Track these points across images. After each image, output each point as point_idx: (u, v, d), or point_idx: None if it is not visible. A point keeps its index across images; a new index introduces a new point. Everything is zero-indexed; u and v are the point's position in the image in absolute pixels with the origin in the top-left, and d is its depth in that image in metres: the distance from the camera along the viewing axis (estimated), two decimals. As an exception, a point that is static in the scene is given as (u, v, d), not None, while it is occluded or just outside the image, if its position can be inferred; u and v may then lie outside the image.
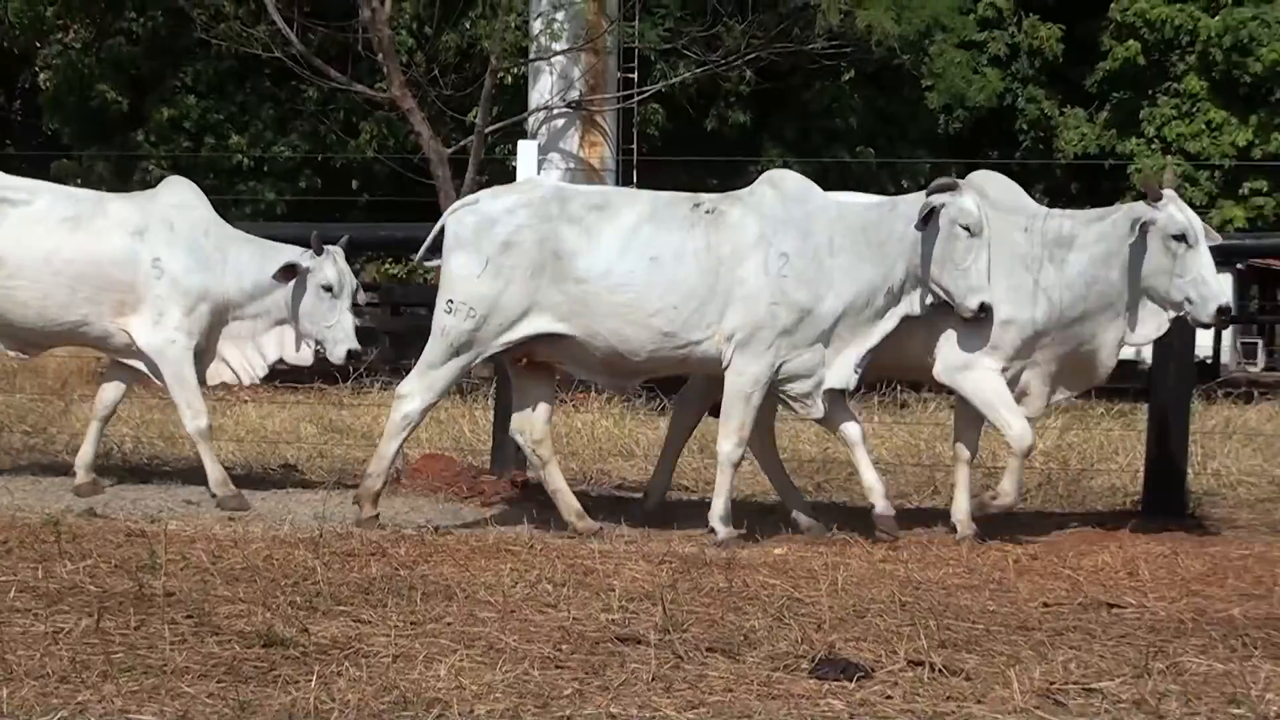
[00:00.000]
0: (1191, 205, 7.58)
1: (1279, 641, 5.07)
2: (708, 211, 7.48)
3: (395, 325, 16.60)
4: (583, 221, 7.47)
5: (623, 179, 18.99)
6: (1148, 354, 9.07)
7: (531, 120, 18.05)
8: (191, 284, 8.31)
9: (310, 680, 4.34)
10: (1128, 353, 8.33)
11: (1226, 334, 36.70)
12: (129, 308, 8.30)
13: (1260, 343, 40.78)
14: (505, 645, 4.89)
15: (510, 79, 18.98)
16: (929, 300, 7.28)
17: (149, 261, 8.27)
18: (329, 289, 8.36)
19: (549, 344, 7.58)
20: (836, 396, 7.48)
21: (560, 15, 17.96)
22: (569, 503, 7.71)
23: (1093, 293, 7.30)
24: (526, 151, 9.62)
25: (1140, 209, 7.18)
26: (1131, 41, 23.39)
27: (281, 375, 10.88)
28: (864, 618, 5.41)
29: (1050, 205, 8.37)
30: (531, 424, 7.76)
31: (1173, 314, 7.27)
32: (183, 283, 8.30)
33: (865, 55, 19.05)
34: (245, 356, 8.59)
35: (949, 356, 7.42)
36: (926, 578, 6.32)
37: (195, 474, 8.74)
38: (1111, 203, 25.13)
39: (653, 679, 4.52)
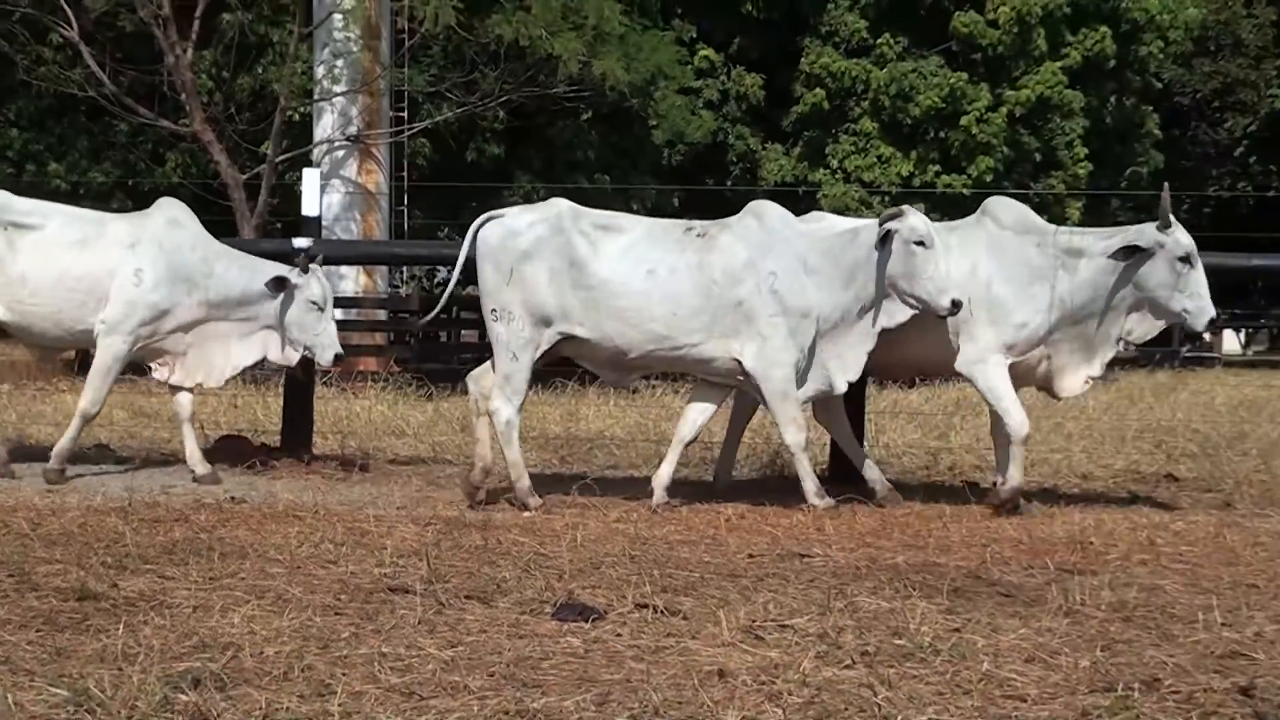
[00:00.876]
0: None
1: (933, 584, 5.22)
2: (699, 235, 7.34)
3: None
4: (590, 236, 7.34)
5: (394, 202, 18.91)
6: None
7: (316, 151, 17.90)
8: (159, 296, 8.01)
9: (119, 629, 4.24)
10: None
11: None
12: (104, 311, 8.04)
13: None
14: (291, 596, 4.83)
15: (297, 116, 18.75)
16: (906, 312, 7.15)
17: (131, 272, 7.98)
18: (315, 303, 8.13)
19: (572, 343, 7.43)
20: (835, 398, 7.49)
21: (340, 62, 17.86)
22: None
23: (1098, 296, 7.25)
24: (310, 179, 9.44)
25: (1150, 233, 7.14)
26: (818, 89, 23.89)
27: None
28: (599, 569, 5.45)
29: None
30: (485, 379, 7.65)
31: (1166, 321, 7.29)
32: (150, 295, 7.99)
33: (600, 98, 19.19)
34: (229, 355, 8.27)
35: (968, 352, 7.36)
36: (652, 535, 6.36)
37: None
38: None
39: (418, 623, 4.51)
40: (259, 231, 16.80)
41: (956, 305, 6.95)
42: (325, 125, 18.19)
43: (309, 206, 9.33)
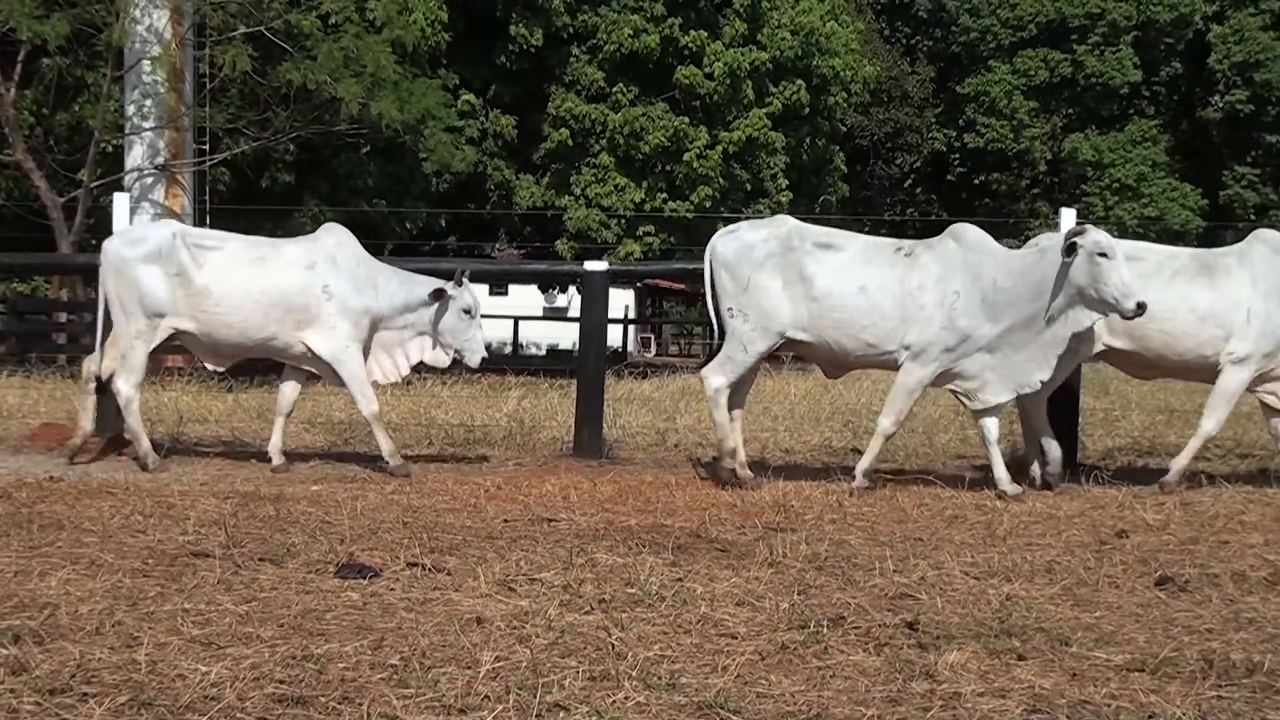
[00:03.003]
0: (604, 244, 7.84)
1: (660, 542, 5.26)
2: (905, 254, 7.06)
3: (20, 328, 15.47)
4: (814, 254, 7.08)
5: (197, 222, 18.29)
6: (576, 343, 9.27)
7: (127, 179, 17.22)
8: (355, 304, 7.66)
9: (-59, 595, 4.00)
10: (568, 344, 8.47)
11: (632, 330, 38.22)
12: (305, 325, 7.61)
13: (652, 337, 42.54)
14: (104, 561, 4.62)
15: (110, 148, 18.00)
16: (1092, 317, 6.83)
17: (319, 288, 7.60)
18: (468, 312, 7.86)
19: (797, 344, 7.23)
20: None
21: (149, 101, 17.26)
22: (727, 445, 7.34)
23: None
24: (121, 202, 9.02)
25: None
26: (563, 129, 23.90)
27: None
28: (376, 534, 5.36)
29: (511, 243, 8.45)
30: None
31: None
32: (348, 303, 7.64)
33: (378, 134, 18.91)
34: (393, 358, 7.91)
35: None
36: (423, 504, 6.28)
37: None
38: (555, 239, 25.24)
39: (217, 582, 4.36)
40: (75, 248, 16.20)
41: (1141, 308, 6.51)
42: (135, 155, 17.56)
43: (119, 227, 8.94)
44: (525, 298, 38.28)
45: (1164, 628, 4.06)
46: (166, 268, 7.57)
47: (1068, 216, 8.68)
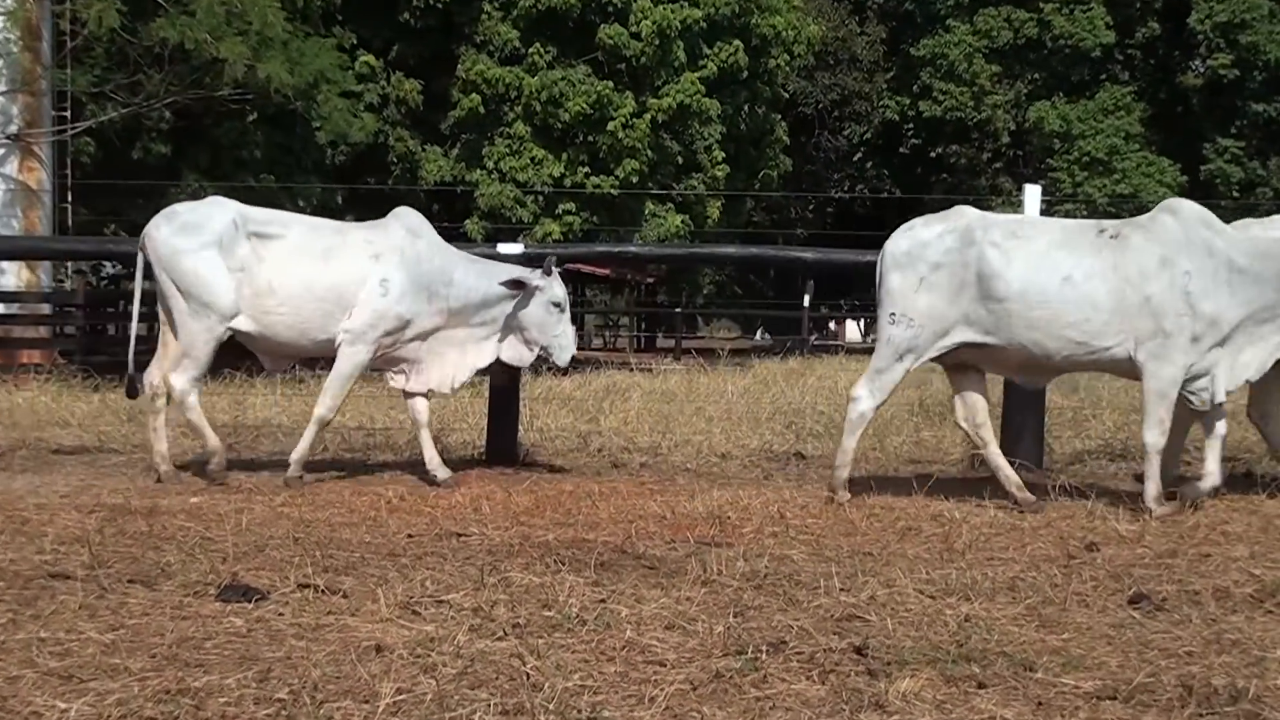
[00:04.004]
0: (519, 223, 7.84)
1: (582, 558, 5.27)
2: (1111, 236, 6.83)
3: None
4: (1001, 246, 6.85)
5: (58, 199, 18.00)
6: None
7: (-23, 150, 16.93)
8: (404, 306, 7.51)
9: None
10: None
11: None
12: (348, 321, 7.47)
13: (574, 329, 42.60)
14: (-53, 588, 4.55)
15: (-44, 115, 17.65)
16: None
17: (378, 281, 7.45)
18: (558, 305, 7.75)
19: (974, 350, 7.02)
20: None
21: (0, 62, 16.90)
22: (1009, 477, 7.13)
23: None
24: (-34, 178, 8.88)
25: None
26: (474, 95, 23.83)
27: None
28: (263, 551, 5.32)
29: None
30: (973, 410, 7.25)
31: None
32: (396, 306, 7.49)
33: (265, 100, 18.71)
34: (464, 359, 7.77)
35: None
36: (316, 518, 6.24)
37: None
38: (464, 218, 25.22)
39: (79, 608, 4.30)
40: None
41: None
42: (-15, 124, 17.22)
43: None
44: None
45: (1139, 650, 4.14)
46: (228, 261, 7.42)
47: (1032, 194, 8.80)
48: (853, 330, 48.34)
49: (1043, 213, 8.62)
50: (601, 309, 45.19)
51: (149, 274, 7.58)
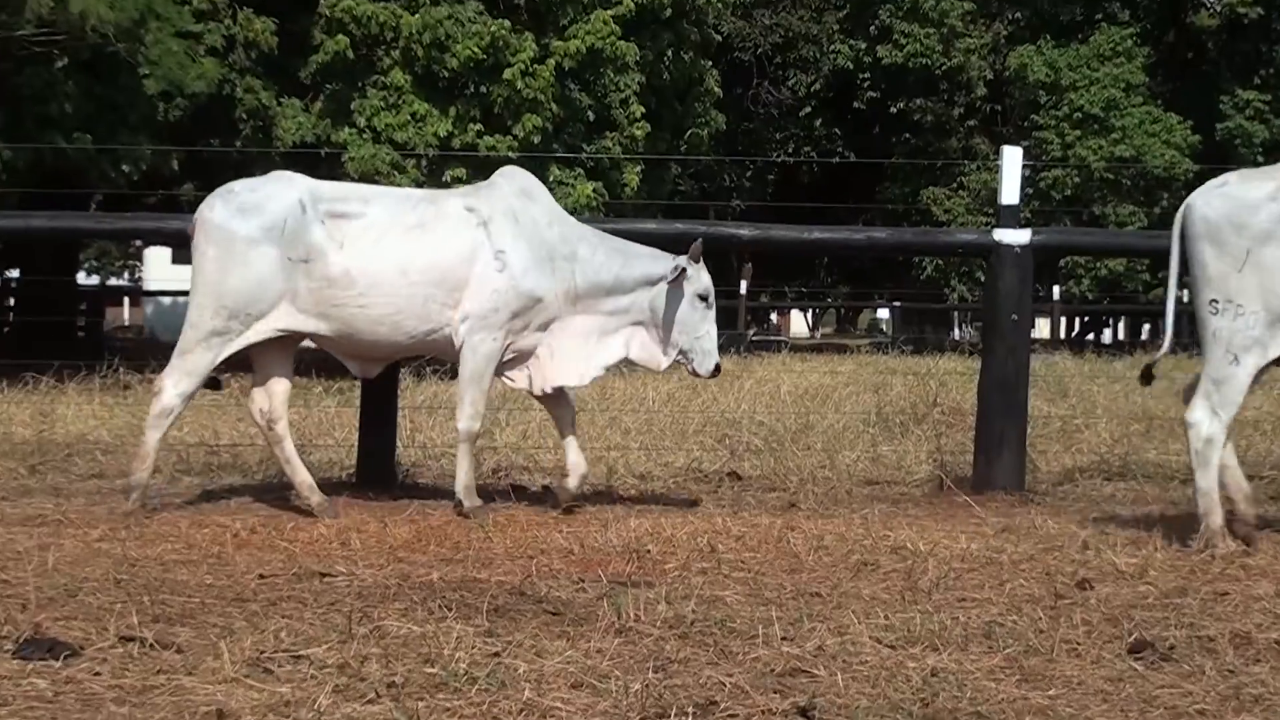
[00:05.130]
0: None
1: (472, 603, 5.27)
2: None
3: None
4: None
5: None
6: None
7: None
8: (530, 282, 7.49)
9: None
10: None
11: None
12: (460, 303, 7.42)
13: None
14: None
15: None
16: None
17: (492, 254, 7.40)
18: (704, 298, 7.66)
19: None
20: None
21: None
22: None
23: None
24: None
25: None
26: (341, 36, 23.64)
27: None
28: (76, 596, 5.25)
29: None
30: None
31: None
32: (521, 282, 7.45)
33: (79, 42, 18.42)
34: (589, 354, 7.75)
35: None
36: (144, 555, 6.18)
37: None
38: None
39: None
40: None
41: None
42: None
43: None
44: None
45: (1141, 709, 4.20)
46: (290, 250, 7.38)
47: (1011, 157, 8.91)
48: (798, 323, 48.67)
49: (1028, 178, 8.76)
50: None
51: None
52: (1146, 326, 49.58)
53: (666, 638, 4.86)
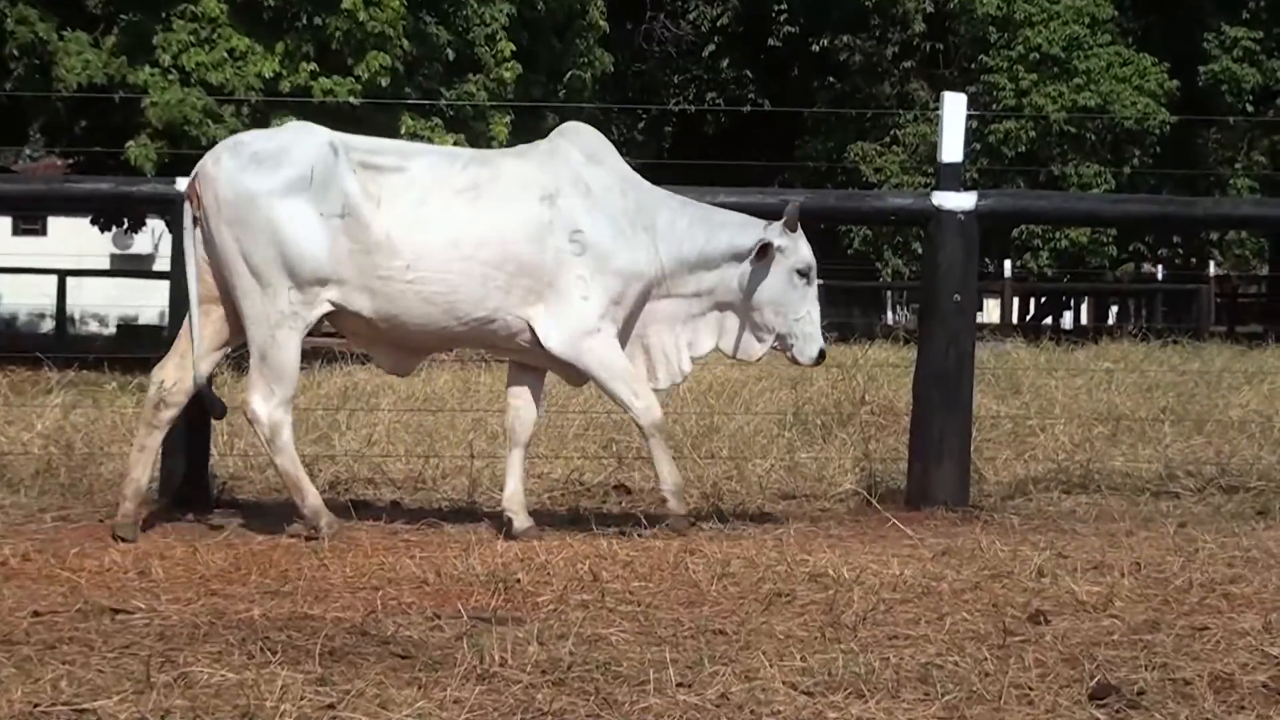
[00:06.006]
0: (212, 145, 7.75)
1: (301, 645, 5.23)
2: None
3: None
4: None
5: None
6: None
7: None
8: (620, 260, 7.46)
9: None
10: (151, 315, 8.31)
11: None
12: (536, 294, 7.40)
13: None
14: None
15: None
16: None
17: (566, 234, 7.38)
18: (804, 274, 7.67)
19: None
20: None
21: None
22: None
23: None
24: None
25: None
26: (154, -43, 23.45)
27: None
28: None
29: (49, 148, 8.26)
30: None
31: None
32: (611, 261, 7.42)
33: None
34: (675, 344, 7.82)
35: None
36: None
37: None
38: (127, 137, 24.70)
39: None
40: None
41: None
42: None
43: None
44: (77, 239, 37.51)
45: (1100, 765, 4.24)
46: (323, 205, 7.33)
47: (954, 105, 8.97)
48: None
49: (975, 132, 8.89)
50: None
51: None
52: (1114, 309, 50.34)
53: (539, 685, 4.85)
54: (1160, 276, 42.49)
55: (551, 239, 7.51)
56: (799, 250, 7.84)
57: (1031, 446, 10.68)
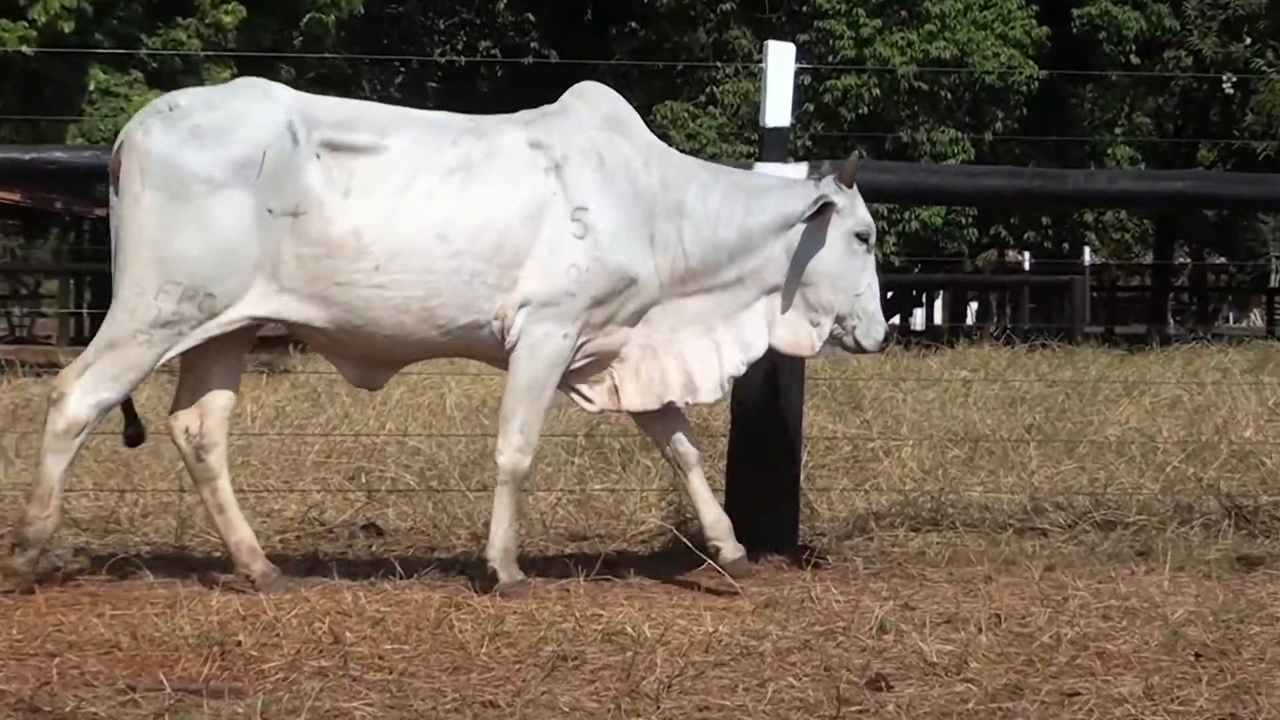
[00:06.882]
0: None
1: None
2: None
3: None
4: None
5: None
6: None
7: None
8: (623, 254, 7.38)
9: None
10: None
11: None
12: (521, 281, 7.26)
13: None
14: None
15: None
16: None
17: (567, 213, 7.23)
18: (864, 238, 7.59)
19: None
20: None
21: None
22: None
23: None
24: None
25: None
26: None
27: None
28: None
29: None
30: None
31: None
32: (611, 254, 7.35)
33: None
34: (717, 351, 7.66)
35: None
36: None
37: None
38: None
39: None
40: None
41: None
42: None
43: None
44: None
45: None
46: (273, 200, 7.25)
47: (781, 57, 9.01)
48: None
49: (808, 90, 8.99)
50: (7, 265, 44.16)
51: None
52: (974, 305, 51.04)
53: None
54: (1027, 266, 43.16)
55: (550, 216, 7.48)
56: (857, 209, 7.86)
57: (874, 474, 10.79)
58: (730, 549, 7.81)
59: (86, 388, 7.30)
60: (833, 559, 8.52)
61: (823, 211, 7.70)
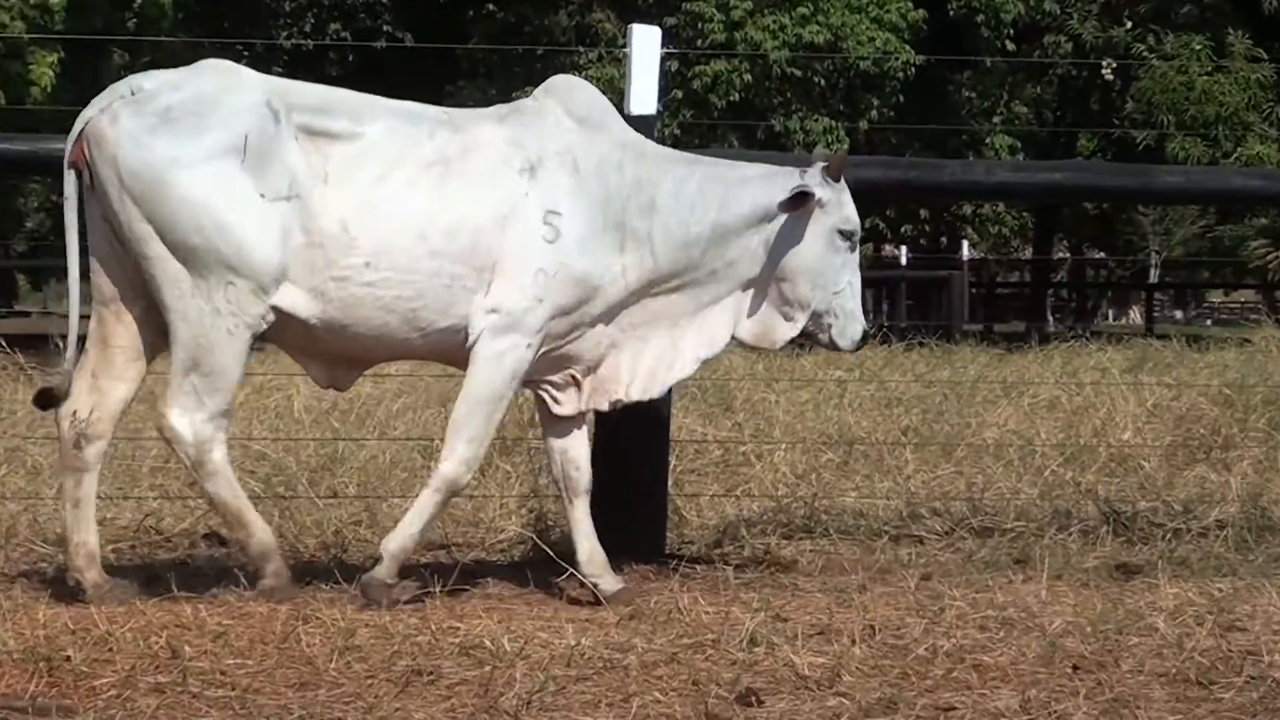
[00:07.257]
0: None
1: None
2: None
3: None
4: None
5: None
6: None
7: None
8: (589, 261, 7.40)
9: None
10: None
11: None
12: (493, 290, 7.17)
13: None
14: None
15: None
16: None
17: (540, 216, 7.17)
18: (848, 235, 7.80)
19: None
20: None
21: None
22: None
23: None
24: None
25: None
26: None
27: None
28: None
29: None
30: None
31: None
32: (577, 260, 7.33)
33: None
34: (676, 347, 7.74)
35: None
36: None
37: None
38: None
39: None
40: None
41: None
42: None
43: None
44: None
45: None
46: (264, 184, 7.21)
47: (646, 42, 9.01)
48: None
49: (676, 76, 9.00)
50: None
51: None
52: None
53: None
54: (904, 261, 43.41)
55: (520, 219, 7.45)
56: (843, 206, 7.88)
57: (745, 479, 10.81)
58: (609, 583, 7.84)
59: (186, 407, 7.37)
60: (702, 568, 8.52)
61: (801, 202, 7.73)
